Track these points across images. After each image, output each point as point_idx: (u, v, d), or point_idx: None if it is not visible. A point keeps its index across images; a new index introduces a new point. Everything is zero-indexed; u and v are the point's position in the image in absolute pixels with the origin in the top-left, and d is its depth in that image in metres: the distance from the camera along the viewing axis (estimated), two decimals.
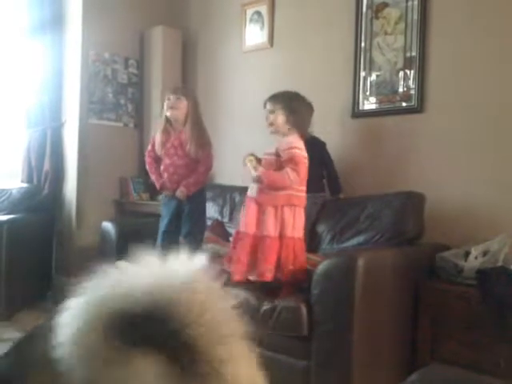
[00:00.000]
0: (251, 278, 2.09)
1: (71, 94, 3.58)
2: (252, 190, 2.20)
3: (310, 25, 3.17)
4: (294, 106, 2.18)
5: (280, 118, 2.18)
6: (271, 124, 2.20)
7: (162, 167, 2.59)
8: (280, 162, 2.15)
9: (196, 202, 2.54)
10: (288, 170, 2.10)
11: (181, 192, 2.49)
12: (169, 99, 2.53)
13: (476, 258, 2.09)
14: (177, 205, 2.56)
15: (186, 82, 3.87)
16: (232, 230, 3.06)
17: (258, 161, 2.21)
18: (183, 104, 2.51)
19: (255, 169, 2.14)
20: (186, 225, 2.53)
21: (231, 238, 2.97)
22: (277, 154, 2.16)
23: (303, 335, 1.95)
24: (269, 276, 2.07)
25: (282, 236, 2.12)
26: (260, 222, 2.13)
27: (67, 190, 3.60)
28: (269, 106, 2.21)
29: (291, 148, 2.13)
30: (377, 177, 2.82)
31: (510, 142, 2.38)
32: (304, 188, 2.19)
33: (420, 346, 2.13)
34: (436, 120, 2.63)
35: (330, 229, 2.60)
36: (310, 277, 1.99)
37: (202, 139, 2.53)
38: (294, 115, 2.18)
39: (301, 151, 2.15)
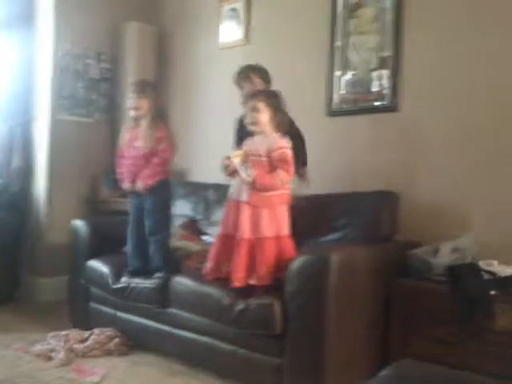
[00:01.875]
0: (252, 282, 2.05)
1: (41, 89, 3.50)
2: (241, 193, 2.12)
3: (286, 22, 3.18)
4: (277, 104, 2.14)
5: (264, 116, 2.11)
6: (255, 123, 2.13)
7: (122, 161, 2.58)
8: (270, 162, 2.09)
9: (157, 196, 2.48)
10: (280, 171, 2.07)
11: (138, 186, 2.47)
12: (129, 98, 2.52)
13: (446, 254, 2.13)
14: (140, 201, 2.53)
15: (160, 78, 3.82)
16: (206, 228, 3.04)
17: (246, 158, 2.08)
18: (143, 102, 2.49)
19: (247, 172, 2.03)
20: (149, 222, 2.48)
21: (206, 238, 2.94)
22: (267, 155, 2.09)
23: (276, 333, 1.95)
24: (268, 279, 2.04)
25: (277, 236, 2.10)
26: (255, 224, 2.07)
27: (37, 188, 3.51)
28: (252, 105, 2.13)
29: (282, 148, 2.10)
30: (351, 175, 2.84)
31: (480, 142, 2.43)
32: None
33: (392, 341, 2.15)
34: (409, 119, 2.66)
35: (304, 226, 2.60)
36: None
37: (160, 133, 2.49)
38: (278, 114, 2.13)
39: (290, 151, 2.12)
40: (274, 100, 2.14)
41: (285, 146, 2.11)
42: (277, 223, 2.10)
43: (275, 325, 1.94)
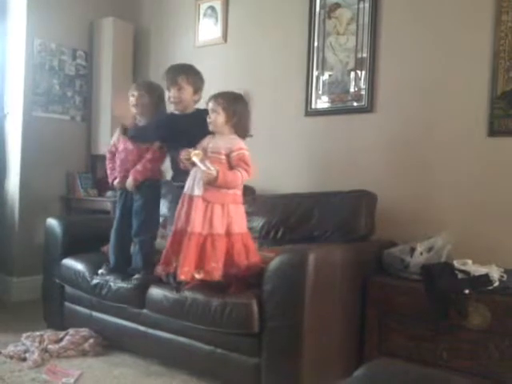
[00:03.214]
0: (198, 276, 2.06)
1: (14, 85, 3.42)
2: (194, 187, 2.14)
3: (264, 22, 3.18)
4: (236, 108, 2.17)
5: (220, 118, 2.16)
6: (211, 123, 2.18)
7: (116, 155, 2.56)
8: (229, 162, 2.14)
9: (146, 197, 2.46)
10: (241, 170, 2.13)
11: (128, 182, 2.44)
12: (133, 95, 2.49)
13: (421, 253, 2.16)
14: (127, 198, 2.50)
15: (137, 76, 3.78)
16: None
17: (204, 157, 2.13)
18: (146, 101, 2.47)
19: (207, 166, 2.06)
20: (135, 222, 2.46)
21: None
22: (226, 154, 2.14)
23: (254, 332, 1.95)
24: (217, 274, 2.06)
25: (228, 233, 2.13)
26: (207, 219, 2.10)
27: (10, 186, 3.44)
28: (211, 105, 2.18)
29: (242, 149, 2.15)
30: (328, 174, 2.87)
31: (451, 143, 2.48)
32: None
33: (368, 339, 2.18)
34: (385, 120, 2.69)
35: (282, 225, 2.62)
36: (262, 273, 1.99)
37: None
38: (235, 117, 2.17)
39: (248, 153, 2.17)
40: (232, 103, 2.17)
41: (244, 147, 2.17)
42: (228, 220, 2.13)
43: (253, 323, 1.94)
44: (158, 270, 2.21)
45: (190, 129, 2.28)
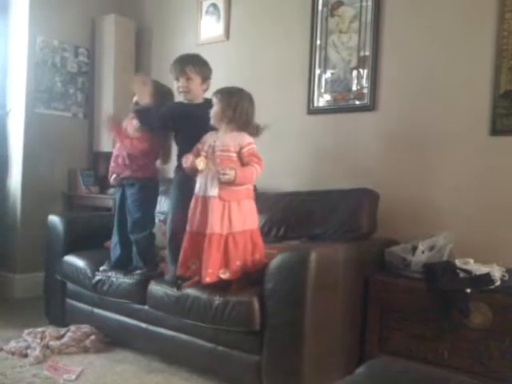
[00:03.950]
0: (224, 276, 2.05)
1: (17, 82, 3.43)
2: (208, 188, 2.11)
3: (267, 19, 3.17)
4: (232, 102, 2.15)
5: (216, 111, 2.16)
6: (211, 117, 2.19)
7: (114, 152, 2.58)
8: (239, 158, 2.12)
9: (139, 194, 2.45)
10: (254, 164, 2.12)
11: (118, 178, 2.47)
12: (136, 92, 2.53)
13: (423, 252, 2.16)
14: (124, 195, 2.51)
15: (138, 73, 3.77)
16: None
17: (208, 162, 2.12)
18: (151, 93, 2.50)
19: (223, 170, 2.03)
20: (129, 220, 2.45)
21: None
22: (236, 150, 2.12)
23: (255, 329, 1.95)
24: (239, 272, 2.07)
25: (244, 230, 2.12)
26: (225, 219, 2.08)
27: (12, 183, 3.44)
28: (213, 100, 2.19)
29: (251, 143, 2.15)
30: (330, 172, 2.86)
31: (453, 141, 2.47)
32: None
33: (369, 337, 2.18)
34: (387, 119, 2.69)
35: (284, 222, 2.62)
36: (264, 270, 2.00)
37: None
38: (230, 110, 2.14)
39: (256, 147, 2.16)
40: (226, 96, 2.16)
41: (252, 142, 2.16)
42: (244, 217, 2.13)
43: (254, 321, 1.95)
44: (178, 273, 2.19)
45: (199, 118, 2.25)
